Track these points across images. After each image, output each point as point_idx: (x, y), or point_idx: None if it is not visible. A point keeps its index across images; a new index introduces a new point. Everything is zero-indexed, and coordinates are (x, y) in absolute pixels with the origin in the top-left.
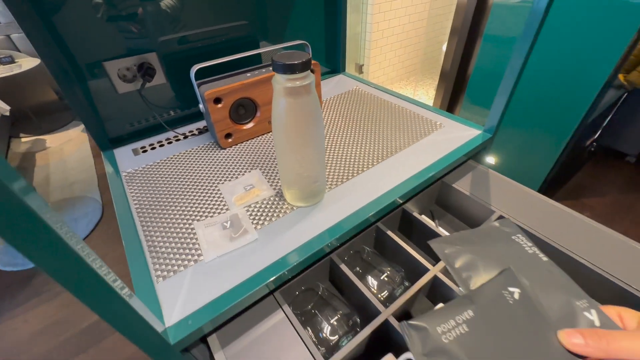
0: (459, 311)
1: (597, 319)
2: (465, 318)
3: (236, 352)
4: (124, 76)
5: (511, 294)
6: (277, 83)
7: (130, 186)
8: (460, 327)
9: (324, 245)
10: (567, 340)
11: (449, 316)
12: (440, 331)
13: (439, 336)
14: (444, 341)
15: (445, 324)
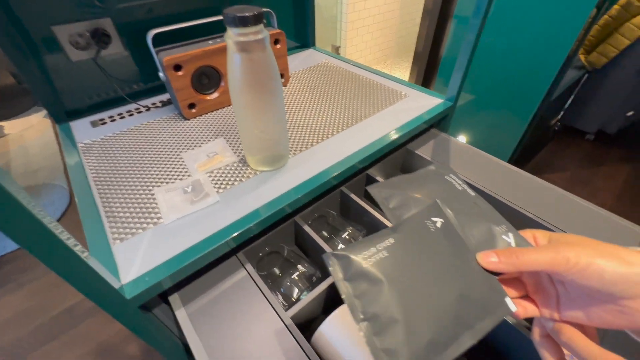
0: (381, 240)
1: (514, 240)
2: (385, 245)
3: (197, 309)
4: (77, 43)
5: (434, 223)
6: (229, 38)
7: (88, 157)
8: (381, 253)
9: (285, 204)
10: (483, 260)
11: (370, 245)
12: (361, 258)
13: (360, 262)
14: (364, 265)
15: (367, 251)
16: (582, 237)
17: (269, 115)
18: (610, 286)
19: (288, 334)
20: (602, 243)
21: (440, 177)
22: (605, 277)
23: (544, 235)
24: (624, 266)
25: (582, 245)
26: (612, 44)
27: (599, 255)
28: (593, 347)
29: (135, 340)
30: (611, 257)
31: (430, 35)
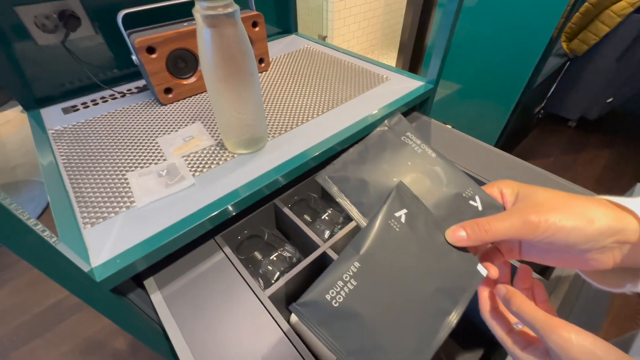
0: (346, 268)
1: (480, 203)
2: (352, 273)
3: (173, 292)
4: (43, 25)
5: (397, 220)
6: (197, 12)
7: (58, 143)
8: (348, 284)
9: (262, 185)
10: (452, 237)
11: (335, 278)
12: (330, 298)
13: (329, 303)
14: (335, 305)
15: (333, 288)
16: (549, 194)
17: (244, 94)
18: (574, 244)
19: (266, 314)
20: (568, 199)
21: (394, 139)
22: (570, 239)
23: (511, 191)
24: (588, 226)
25: (549, 207)
26: (593, 31)
27: (566, 218)
28: (539, 314)
29: (122, 335)
30: (577, 218)
31: (415, 25)
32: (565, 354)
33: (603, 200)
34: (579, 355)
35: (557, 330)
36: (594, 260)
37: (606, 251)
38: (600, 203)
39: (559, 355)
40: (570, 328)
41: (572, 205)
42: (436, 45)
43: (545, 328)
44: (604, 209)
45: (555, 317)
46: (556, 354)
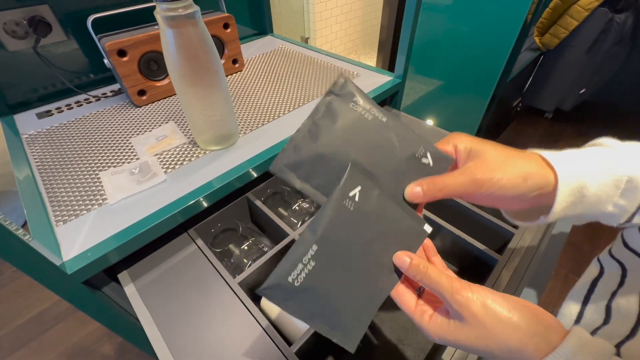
0: (304, 251)
1: (431, 159)
2: (310, 255)
3: (146, 284)
4: (14, 32)
5: (352, 200)
6: (158, 13)
7: (32, 147)
8: (308, 265)
9: (233, 178)
10: (410, 194)
11: (296, 261)
12: (291, 279)
13: (291, 284)
14: (296, 285)
15: (295, 270)
16: (495, 153)
17: (210, 92)
18: (509, 197)
19: (236, 300)
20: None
21: (344, 108)
22: (507, 193)
23: (464, 146)
24: (522, 184)
25: (494, 166)
26: (562, 25)
27: (507, 177)
28: (443, 278)
29: (109, 341)
30: (515, 176)
31: (392, 24)
32: (467, 310)
33: (536, 155)
34: (477, 310)
35: (460, 291)
36: (519, 204)
37: (530, 198)
38: (533, 159)
39: (461, 313)
40: (470, 288)
41: (511, 164)
42: (400, 43)
43: (449, 290)
44: (536, 167)
45: (456, 279)
46: (457, 312)
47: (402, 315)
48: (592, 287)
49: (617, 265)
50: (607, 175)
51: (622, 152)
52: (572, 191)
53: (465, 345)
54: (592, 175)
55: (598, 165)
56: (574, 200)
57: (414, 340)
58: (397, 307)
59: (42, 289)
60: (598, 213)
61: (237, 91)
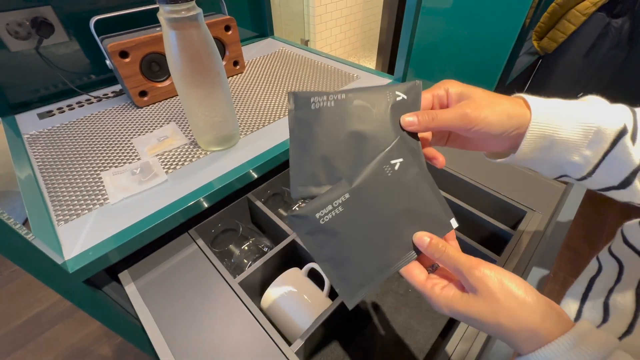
0: (338, 195)
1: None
2: (341, 201)
3: (146, 283)
4: (16, 32)
5: (392, 167)
6: (161, 15)
7: (33, 147)
8: (336, 209)
9: (233, 179)
10: (405, 121)
11: (327, 202)
12: (318, 216)
13: (317, 220)
14: (321, 223)
15: (323, 209)
16: (484, 95)
17: (211, 93)
18: (494, 134)
19: (237, 299)
20: (496, 99)
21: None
22: (492, 130)
23: (455, 90)
24: (506, 121)
25: (482, 104)
26: (560, 29)
27: (492, 114)
28: (462, 256)
29: (107, 342)
30: (500, 114)
31: (391, 27)
32: (483, 284)
33: (520, 99)
34: (493, 284)
35: (478, 267)
36: (501, 144)
37: (510, 137)
38: (517, 101)
39: (476, 287)
40: (488, 265)
41: (498, 104)
42: (400, 46)
43: (467, 265)
44: (518, 107)
45: (474, 258)
46: (473, 286)
47: (402, 315)
48: (590, 284)
49: (615, 262)
50: (578, 124)
51: (598, 106)
52: (542, 133)
53: (475, 318)
54: (565, 122)
55: (573, 114)
56: (544, 143)
57: (414, 340)
58: (397, 307)
59: (40, 290)
60: (565, 162)
61: (238, 93)
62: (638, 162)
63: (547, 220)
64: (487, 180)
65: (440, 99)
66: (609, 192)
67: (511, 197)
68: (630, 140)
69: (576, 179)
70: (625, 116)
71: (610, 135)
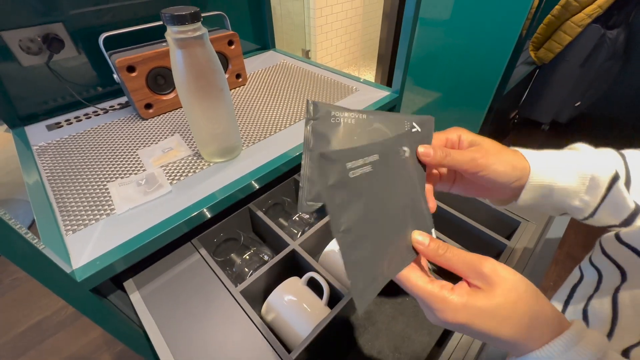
0: (369, 153)
1: (418, 126)
2: (372, 160)
3: (151, 292)
4: (28, 48)
5: (404, 152)
6: (169, 35)
7: (42, 158)
8: (367, 167)
9: (236, 190)
10: (420, 152)
11: (360, 154)
12: (349, 166)
13: (347, 170)
14: (350, 176)
15: (355, 160)
16: (491, 145)
17: (215, 107)
18: (500, 182)
19: (238, 308)
20: (503, 150)
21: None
22: (498, 178)
23: (466, 137)
24: (511, 172)
25: (491, 153)
26: (557, 40)
27: (499, 164)
28: (468, 254)
29: (107, 350)
30: (506, 165)
31: (390, 38)
32: (497, 275)
33: (518, 152)
34: (508, 275)
35: (488, 259)
36: (504, 192)
37: (512, 187)
38: (517, 154)
39: (492, 278)
40: (492, 260)
41: (503, 155)
42: (397, 59)
43: (476, 261)
44: (520, 160)
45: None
46: (488, 278)
47: (399, 324)
48: (571, 292)
49: (595, 271)
50: (575, 173)
51: (590, 154)
52: (542, 183)
53: (493, 311)
54: (561, 172)
55: (569, 164)
56: (544, 192)
57: (411, 349)
58: (394, 315)
59: (42, 298)
60: (567, 206)
61: (240, 105)
62: (634, 205)
63: (540, 230)
64: None
65: (452, 142)
66: (613, 229)
67: (510, 210)
68: (624, 185)
69: (579, 219)
70: (616, 162)
71: (605, 182)
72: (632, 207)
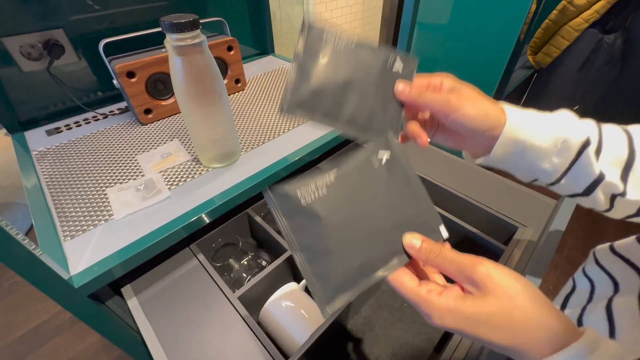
0: (322, 176)
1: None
2: (325, 182)
3: (148, 298)
4: (29, 54)
5: (379, 161)
6: (168, 43)
7: (41, 163)
8: (320, 190)
9: (234, 195)
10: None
11: (310, 181)
12: (300, 195)
13: (298, 200)
14: (302, 204)
15: (306, 188)
16: (470, 90)
17: (213, 113)
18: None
19: (235, 314)
20: (480, 97)
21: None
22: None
23: (448, 82)
24: (484, 118)
25: (466, 97)
26: (554, 44)
27: (472, 107)
28: (462, 256)
29: (105, 355)
30: (480, 110)
31: (389, 41)
32: (491, 281)
33: (497, 103)
34: (502, 280)
35: (483, 263)
36: (476, 143)
37: (485, 136)
38: (497, 106)
39: (485, 284)
40: (489, 261)
41: (480, 101)
42: None
43: (469, 264)
44: (497, 110)
45: (472, 255)
46: (480, 283)
47: (397, 330)
48: (564, 302)
49: (588, 282)
50: (549, 133)
51: (567, 118)
52: (515, 137)
53: (485, 319)
54: (536, 130)
55: (545, 124)
56: (516, 149)
57: (409, 354)
58: (393, 321)
59: (40, 302)
60: (536, 168)
61: (239, 109)
62: (598, 172)
63: (538, 235)
64: (479, 195)
65: (434, 87)
66: (574, 198)
67: (503, 213)
68: (593, 153)
69: (546, 184)
70: (590, 130)
71: (576, 146)
72: (597, 174)
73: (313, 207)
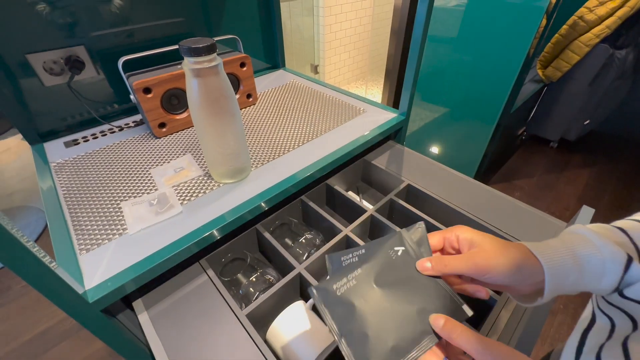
0: (351, 271)
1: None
2: (354, 275)
3: (158, 312)
4: (51, 69)
5: (396, 252)
6: (186, 66)
7: (59, 175)
8: (350, 282)
9: (244, 212)
10: (420, 266)
11: (343, 276)
12: (335, 288)
13: (334, 292)
14: (338, 294)
15: (339, 281)
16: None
17: (226, 132)
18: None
19: (243, 331)
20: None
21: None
22: (504, 280)
23: (465, 237)
24: (517, 272)
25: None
26: (564, 59)
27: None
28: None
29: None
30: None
31: (398, 54)
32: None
33: (524, 247)
34: None
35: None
36: (522, 289)
37: (528, 285)
38: (523, 251)
39: None
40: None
41: (506, 255)
42: (405, 80)
43: (485, 346)
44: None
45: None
46: None
47: None
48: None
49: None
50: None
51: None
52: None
53: None
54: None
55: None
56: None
57: None
58: None
59: (49, 306)
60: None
61: (250, 125)
62: None
63: None
64: (486, 215)
65: (451, 242)
66: None
67: (510, 233)
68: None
69: None
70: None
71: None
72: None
73: (347, 297)
